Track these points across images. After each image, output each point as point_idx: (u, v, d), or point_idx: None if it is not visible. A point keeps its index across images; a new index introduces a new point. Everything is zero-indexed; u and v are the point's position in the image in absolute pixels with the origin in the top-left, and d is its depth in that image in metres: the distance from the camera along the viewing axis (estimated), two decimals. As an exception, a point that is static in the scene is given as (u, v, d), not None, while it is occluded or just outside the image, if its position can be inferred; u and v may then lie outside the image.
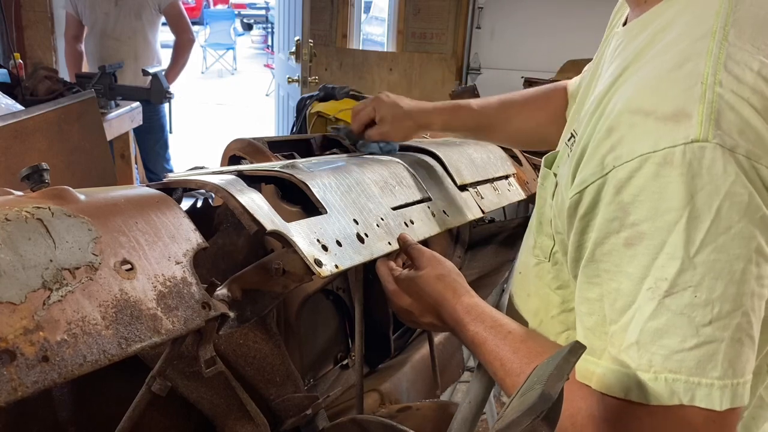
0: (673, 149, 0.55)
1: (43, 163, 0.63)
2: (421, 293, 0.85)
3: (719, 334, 0.54)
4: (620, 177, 0.57)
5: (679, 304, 0.55)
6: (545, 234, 0.79)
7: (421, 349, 1.32)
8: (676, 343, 0.55)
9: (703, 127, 0.55)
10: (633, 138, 0.57)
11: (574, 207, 0.63)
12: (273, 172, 0.90)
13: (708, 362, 0.55)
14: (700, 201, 0.54)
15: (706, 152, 0.54)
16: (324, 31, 4.58)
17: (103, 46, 3.43)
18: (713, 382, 0.54)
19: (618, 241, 0.58)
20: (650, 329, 0.56)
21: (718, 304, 0.54)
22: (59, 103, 1.80)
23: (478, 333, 0.76)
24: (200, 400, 0.82)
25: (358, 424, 0.88)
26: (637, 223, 0.57)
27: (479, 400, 0.93)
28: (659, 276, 0.56)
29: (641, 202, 0.56)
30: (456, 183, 1.18)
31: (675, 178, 0.55)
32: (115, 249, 0.59)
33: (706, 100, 0.56)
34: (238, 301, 0.73)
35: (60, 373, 0.49)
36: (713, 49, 0.58)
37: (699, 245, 0.54)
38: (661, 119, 0.56)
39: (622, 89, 0.62)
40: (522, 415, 0.49)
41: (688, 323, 0.55)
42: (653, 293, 0.56)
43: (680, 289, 0.55)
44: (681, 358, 0.55)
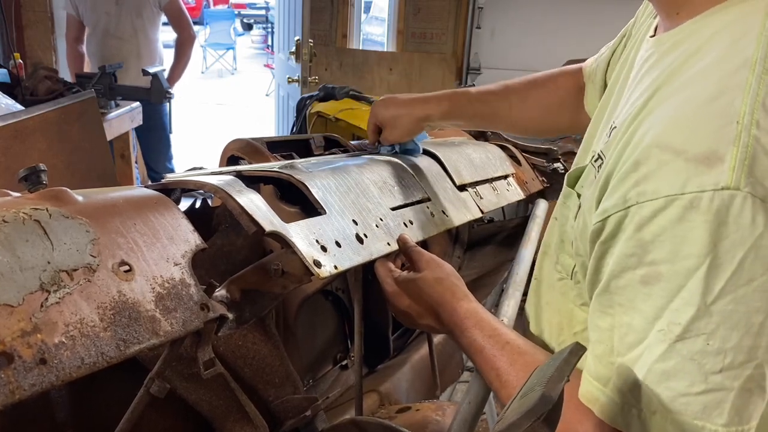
0: (701, 194, 0.52)
1: (41, 164, 0.63)
2: (420, 295, 0.84)
3: (729, 384, 0.53)
4: (643, 214, 0.55)
5: (690, 350, 0.54)
6: (567, 252, 0.78)
7: (420, 349, 1.32)
8: (683, 387, 0.54)
9: (736, 173, 0.52)
10: (660, 176, 0.55)
11: (597, 233, 0.61)
12: (272, 173, 0.89)
13: (714, 409, 0.53)
14: (723, 250, 0.52)
15: (736, 201, 0.52)
16: (324, 31, 4.58)
17: (105, 45, 3.42)
18: (718, 429, 0.53)
19: (634, 277, 0.57)
20: (658, 370, 0.55)
21: (731, 355, 0.53)
22: (59, 103, 1.80)
23: (475, 340, 0.75)
24: (199, 401, 0.81)
25: (357, 425, 0.88)
26: (655, 262, 0.55)
27: (479, 400, 0.92)
28: (672, 320, 0.54)
29: (662, 243, 0.54)
30: (455, 183, 1.18)
31: (700, 223, 0.52)
32: (113, 250, 0.58)
33: (740, 143, 0.53)
34: (237, 303, 0.73)
35: (58, 375, 0.49)
36: (752, 83, 0.55)
37: (717, 294, 0.53)
38: (691, 160, 0.53)
39: (652, 117, 0.59)
40: (522, 417, 0.49)
41: (697, 369, 0.53)
42: (665, 335, 0.54)
43: (693, 336, 0.53)
44: (686, 401, 0.54)
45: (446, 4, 4.44)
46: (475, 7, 4.38)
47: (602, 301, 0.61)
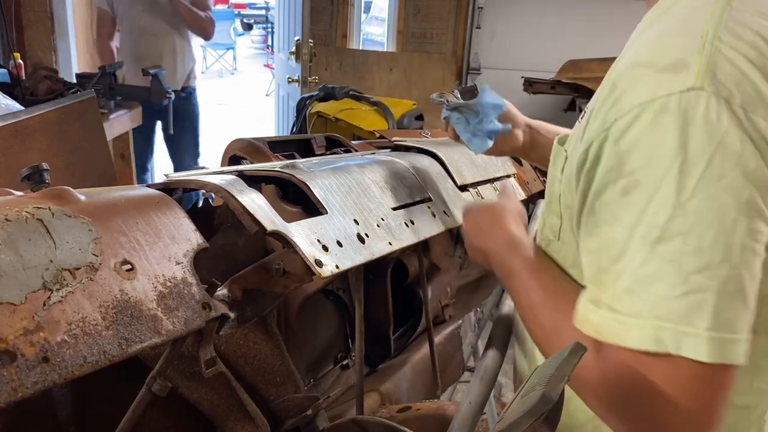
0: (669, 97, 0.56)
1: (44, 164, 0.63)
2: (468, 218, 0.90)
3: (708, 284, 0.54)
4: (620, 127, 0.58)
5: (669, 251, 0.55)
6: (554, 213, 0.79)
7: (421, 349, 1.32)
8: (666, 290, 0.55)
9: (700, 76, 0.56)
10: (633, 90, 0.59)
11: (580, 167, 0.64)
12: (273, 173, 0.90)
13: (696, 312, 0.54)
14: (692, 148, 0.55)
15: (701, 100, 0.55)
16: (324, 31, 4.58)
17: (142, 43, 3.41)
18: (700, 333, 0.54)
19: (615, 191, 0.59)
20: (641, 276, 0.57)
21: (708, 253, 0.54)
22: (59, 103, 1.80)
23: (515, 264, 0.78)
24: (200, 400, 0.81)
25: (358, 424, 0.88)
26: (633, 171, 0.57)
27: (479, 400, 0.93)
28: (651, 223, 0.56)
29: (638, 150, 0.57)
30: (456, 183, 1.18)
31: (670, 125, 0.55)
32: (116, 249, 0.59)
33: (704, 52, 0.57)
34: (239, 302, 0.73)
35: (60, 373, 0.49)
36: (716, 12, 0.60)
37: (691, 192, 0.55)
38: (660, 70, 0.58)
39: (627, 54, 0.64)
40: (522, 417, 0.49)
41: (677, 271, 0.55)
42: (644, 240, 0.56)
43: (671, 236, 0.55)
44: (670, 306, 0.55)
45: (446, 4, 4.44)
46: (475, 7, 4.38)
47: (589, 223, 0.63)
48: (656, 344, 0.55)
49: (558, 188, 0.76)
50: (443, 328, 1.44)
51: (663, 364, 0.55)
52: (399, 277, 1.25)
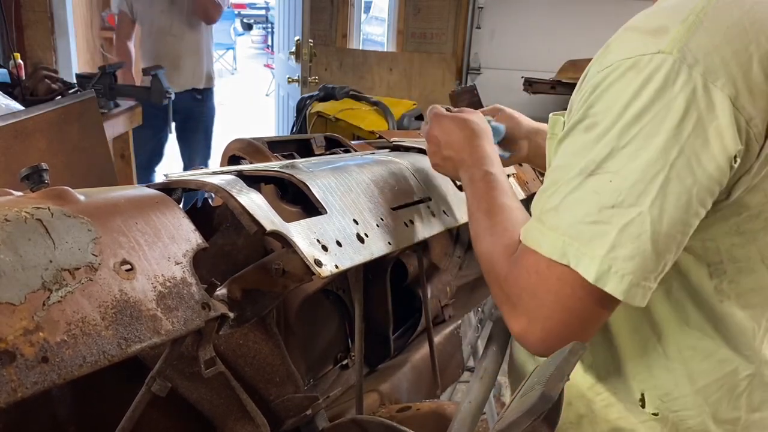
0: (641, 57, 0.63)
1: (43, 164, 0.63)
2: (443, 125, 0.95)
3: (615, 220, 0.63)
4: (598, 78, 0.66)
5: (596, 184, 0.64)
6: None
7: (421, 349, 1.32)
8: (581, 215, 0.64)
9: (673, 42, 0.62)
10: (618, 48, 0.66)
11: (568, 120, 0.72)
12: (273, 173, 0.90)
13: (598, 239, 0.63)
14: (644, 101, 0.62)
15: (666, 63, 0.62)
16: (324, 31, 4.59)
17: (161, 43, 3.42)
18: (595, 256, 0.63)
19: (580, 128, 0.67)
20: (569, 200, 0.66)
21: (623, 194, 0.62)
22: (59, 103, 1.80)
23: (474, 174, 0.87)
24: (200, 400, 0.82)
25: (358, 424, 0.88)
26: (595, 114, 0.65)
27: (479, 400, 0.93)
28: (591, 158, 0.65)
29: (603, 98, 0.65)
30: (456, 183, 1.18)
31: (633, 80, 0.63)
32: (115, 249, 0.59)
33: (687, 22, 0.63)
34: (238, 302, 0.73)
35: (60, 373, 0.49)
36: None
37: (628, 141, 0.62)
38: (644, 32, 0.65)
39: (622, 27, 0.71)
40: (522, 416, 0.49)
41: (596, 201, 0.63)
42: (582, 171, 0.65)
43: (602, 172, 0.64)
44: (580, 229, 0.64)
45: (446, 4, 4.44)
46: (475, 7, 4.38)
47: (557, 151, 0.71)
48: (561, 256, 0.65)
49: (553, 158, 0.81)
50: (443, 328, 1.44)
51: (560, 272, 0.65)
52: (399, 277, 1.25)
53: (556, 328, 0.67)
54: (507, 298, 0.71)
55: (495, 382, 1.00)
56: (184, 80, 3.42)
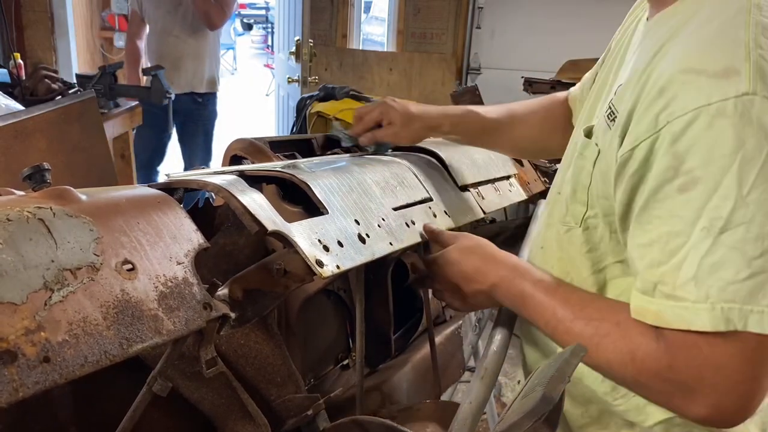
0: (725, 102, 0.61)
1: (45, 163, 0.63)
2: (450, 268, 0.89)
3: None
4: (675, 130, 0.63)
5: (733, 240, 0.60)
6: (579, 201, 0.82)
7: (422, 349, 1.32)
8: (731, 275, 0.60)
9: (752, 82, 0.61)
10: (686, 94, 0.63)
11: (623, 165, 0.68)
12: (274, 173, 0.89)
13: (759, 291, 0.60)
14: (750, 146, 0.60)
15: (756, 102, 0.60)
16: (324, 31, 4.59)
17: (164, 44, 3.42)
18: (764, 309, 0.60)
19: (672, 188, 0.64)
20: (707, 264, 0.61)
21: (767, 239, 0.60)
22: (59, 103, 1.80)
23: (525, 287, 0.80)
24: (201, 400, 0.81)
25: (359, 424, 0.88)
26: (692, 169, 0.62)
27: (480, 400, 0.92)
28: (714, 215, 0.61)
29: (696, 151, 0.62)
30: (457, 183, 1.18)
31: (728, 127, 0.60)
32: (117, 249, 0.58)
33: (751, 60, 0.62)
34: (239, 302, 0.73)
35: (61, 373, 0.49)
36: (750, 21, 0.65)
37: (751, 185, 0.60)
38: (712, 76, 0.62)
39: (669, 56, 0.68)
40: (523, 418, 0.49)
41: (741, 257, 0.60)
42: (708, 232, 0.61)
43: (734, 226, 0.60)
44: (735, 288, 0.60)
45: (446, 4, 4.44)
46: (475, 7, 4.38)
47: (641, 220, 0.67)
48: (726, 324, 0.60)
49: (587, 179, 0.80)
50: (444, 328, 1.44)
51: (732, 341, 0.61)
52: (400, 277, 1.25)
53: (749, 391, 0.63)
54: (679, 387, 0.65)
55: (495, 382, 0.99)
56: (184, 82, 3.41)
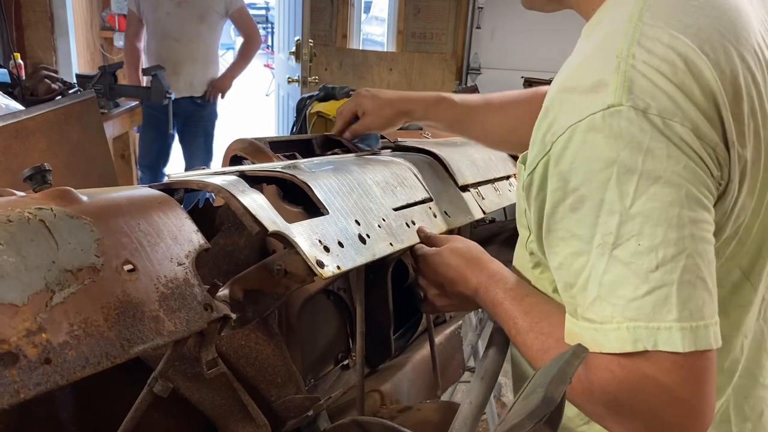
0: (594, 116, 0.60)
1: (46, 164, 0.63)
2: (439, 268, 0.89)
3: (668, 278, 0.57)
4: (557, 150, 0.63)
5: (626, 254, 0.59)
6: (522, 225, 0.83)
7: (421, 349, 1.32)
8: (630, 292, 0.58)
9: (617, 93, 0.60)
10: (563, 113, 0.63)
11: (528, 189, 0.68)
12: (275, 173, 0.90)
13: (662, 306, 0.57)
14: (624, 158, 0.59)
15: (622, 114, 0.59)
16: (324, 31, 4.58)
17: (163, 46, 3.42)
18: (671, 325, 0.57)
19: (565, 209, 0.63)
20: (606, 283, 0.60)
21: (661, 249, 0.58)
22: (59, 103, 1.80)
23: (497, 294, 0.81)
24: (202, 401, 0.81)
25: (359, 424, 0.88)
26: (576, 188, 0.61)
27: (480, 400, 0.92)
28: (604, 231, 0.60)
29: (576, 168, 0.61)
30: (457, 183, 1.18)
31: (600, 140, 0.60)
32: (118, 250, 0.58)
33: (620, 70, 0.61)
34: (240, 303, 0.73)
35: (62, 375, 0.49)
36: (629, 30, 0.63)
37: (633, 197, 0.59)
38: (583, 92, 0.62)
39: (558, 77, 0.68)
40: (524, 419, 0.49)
41: (637, 271, 0.58)
42: (602, 249, 0.60)
43: (624, 240, 0.59)
44: (637, 305, 0.58)
45: (446, 4, 4.44)
46: (475, 7, 4.38)
47: (549, 243, 0.67)
48: (633, 344, 0.58)
49: (523, 203, 0.80)
50: (444, 328, 1.44)
51: (644, 362, 0.58)
52: (400, 277, 1.25)
53: (682, 413, 0.59)
54: (606, 410, 0.63)
55: (495, 383, 0.99)
56: (183, 87, 3.41)
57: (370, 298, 1.16)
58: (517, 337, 0.76)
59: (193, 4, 3.36)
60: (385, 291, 1.20)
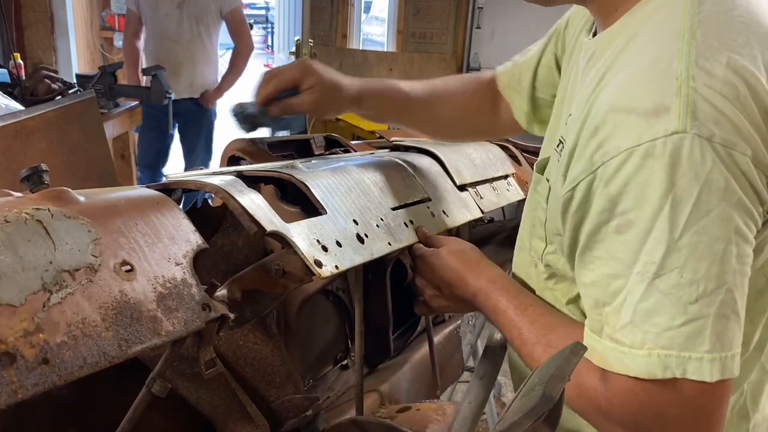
0: (654, 142, 0.58)
1: (43, 164, 0.63)
2: (437, 270, 0.89)
3: (705, 311, 0.58)
4: (608, 171, 0.61)
5: (667, 285, 0.59)
6: (537, 236, 0.83)
7: (420, 349, 1.32)
8: (666, 321, 0.59)
9: (681, 119, 0.58)
10: (617, 135, 0.61)
11: (566, 204, 0.67)
12: (272, 173, 0.90)
13: (696, 338, 0.58)
14: (681, 188, 0.58)
15: (685, 142, 0.58)
16: (324, 31, 4.58)
17: (162, 47, 3.42)
18: (702, 356, 0.58)
19: (609, 230, 0.62)
20: (642, 309, 0.60)
21: (702, 283, 0.58)
22: (59, 103, 1.79)
23: (499, 302, 0.80)
24: (200, 401, 0.82)
25: (358, 424, 0.88)
26: (625, 211, 0.61)
27: (479, 400, 0.93)
28: (647, 260, 0.60)
29: (628, 193, 0.60)
30: (455, 183, 1.18)
31: (658, 168, 0.58)
32: (115, 250, 0.59)
33: (681, 94, 0.59)
34: (238, 302, 0.73)
35: (60, 375, 0.49)
36: (684, 48, 0.61)
37: (682, 229, 0.58)
38: (642, 115, 0.60)
39: (605, 91, 0.65)
40: (523, 417, 0.49)
41: (675, 302, 0.59)
42: (642, 276, 0.60)
43: (667, 271, 0.59)
44: (671, 335, 0.59)
45: (446, 4, 4.44)
46: (475, 7, 4.38)
47: (584, 259, 0.66)
48: (663, 371, 0.59)
49: (543, 215, 0.80)
50: (443, 328, 1.44)
51: (670, 388, 0.60)
52: (398, 277, 1.25)
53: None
54: (621, 429, 0.64)
55: (495, 382, 0.99)
56: (183, 88, 3.41)
57: (368, 298, 1.16)
58: (522, 348, 0.76)
59: (191, 5, 3.36)
60: (384, 291, 1.20)
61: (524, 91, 1.07)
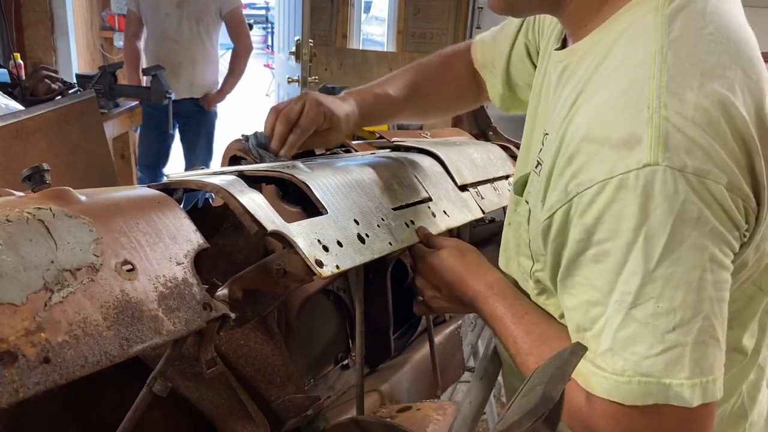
0: (627, 174, 0.58)
1: (44, 164, 0.63)
2: (437, 271, 0.89)
3: (683, 339, 0.59)
4: (583, 202, 0.61)
5: (644, 315, 0.59)
6: (524, 255, 0.83)
7: (421, 349, 1.32)
8: (644, 350, 0.59)
9: (653, 150, 0.58)
10: (591, 166, 0.61)
11: (546, 231, 0.68)
12: (273, 173, 0.90)
13: (675, 365, 0.59)
14: (654, 220, 0.58)
15: (657, 175, 0.58)
16: (324, 31, 4.59)
17: (162, 47, 3.42)
18: (683, 382, 0.59)
19: (587, 258, 0.63)
20: (621, 338, 0.61)
21: (679, 312, 0.59)
22: (59, 103, 1.80)
23: (497, 308, 0.81)
24: (201, 400, 0.82)
25: (358, 424, 0.88)
26: (601, 241, 0.61)
27: (480, 400, 0.93)
28: (624, 289, 0.60)
29: (603, 224, 0.60)
30: (456, 183, 1.18)
31: (631, 201, 0.58)
32: (117, 250, 0.59)
33: (653, 124, 0.59)
34: (239, 302, 0.73)
35: (61, 374, 0.49)
36: (655, 73, 0.61)
37: (657, 260, 0.59)
38: (615, 147, 0.60)
39: (578, 117, 0.65)
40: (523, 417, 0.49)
41: (653, 331, 0.59)
42: (620, 305, 0.60)
43: (644, 301, 0.59)
44: (651, 363, 0.59)
45: (446, 4, 4.44)
46: (475, 7, 4.38)
47: (566, 283, 0.67)
48: (644, 398, 0.60)
49: (525, 235, 0.80)
50: (443, 328, 1.44)
51: (653, 414, 0.60)
52: (399, 277, 1.25)
53: None
54: None
55: (495, 382, 1.00)
56: (183, 89, 3.41)
57: (369, 298, 1.16)
58: (517, 357, 0.76)
59: (191, 5, 3.36)
60: (385, 291, 1.20)
61: (498, 75, 1.10)
